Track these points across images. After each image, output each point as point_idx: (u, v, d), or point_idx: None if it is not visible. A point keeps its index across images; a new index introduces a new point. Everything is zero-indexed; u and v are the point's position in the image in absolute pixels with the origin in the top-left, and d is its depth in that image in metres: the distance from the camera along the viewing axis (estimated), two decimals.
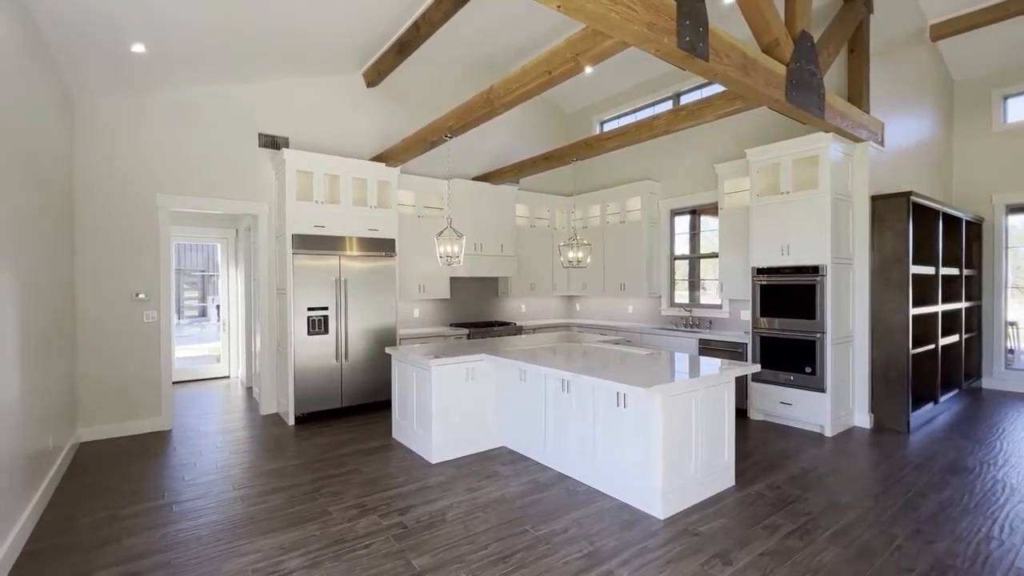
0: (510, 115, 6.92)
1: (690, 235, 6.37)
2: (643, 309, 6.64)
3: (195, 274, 13.06)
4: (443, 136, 4.23)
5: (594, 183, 7.31)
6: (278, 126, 5.20)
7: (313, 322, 4.86)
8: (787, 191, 4.52)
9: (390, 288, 5.34)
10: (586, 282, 7.03)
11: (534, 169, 5.65)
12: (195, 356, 8.18)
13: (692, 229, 6.38)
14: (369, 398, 5.20)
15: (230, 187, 4.96)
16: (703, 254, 6.15)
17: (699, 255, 6.19)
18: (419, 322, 6.22)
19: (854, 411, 4.58)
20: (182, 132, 4.71)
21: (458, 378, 3.83)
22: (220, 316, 7.36)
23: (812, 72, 3.68)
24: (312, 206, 4.90)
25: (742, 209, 5.22)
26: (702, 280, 6.23)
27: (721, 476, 3.18)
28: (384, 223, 5.35)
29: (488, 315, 6.86)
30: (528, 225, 6.96)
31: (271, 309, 5.22)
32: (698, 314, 5.96)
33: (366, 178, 5.24)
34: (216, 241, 7.23)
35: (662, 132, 4.25)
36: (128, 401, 4.48)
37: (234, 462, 3.78)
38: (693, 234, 6.37)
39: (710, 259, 6.09)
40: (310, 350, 4.85)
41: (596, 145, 4.83)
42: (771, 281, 4.64)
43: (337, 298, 5.00)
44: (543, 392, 3.64)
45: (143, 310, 4.55)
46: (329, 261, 4.96)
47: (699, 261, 6.28)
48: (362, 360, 5.16)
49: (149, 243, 4.58)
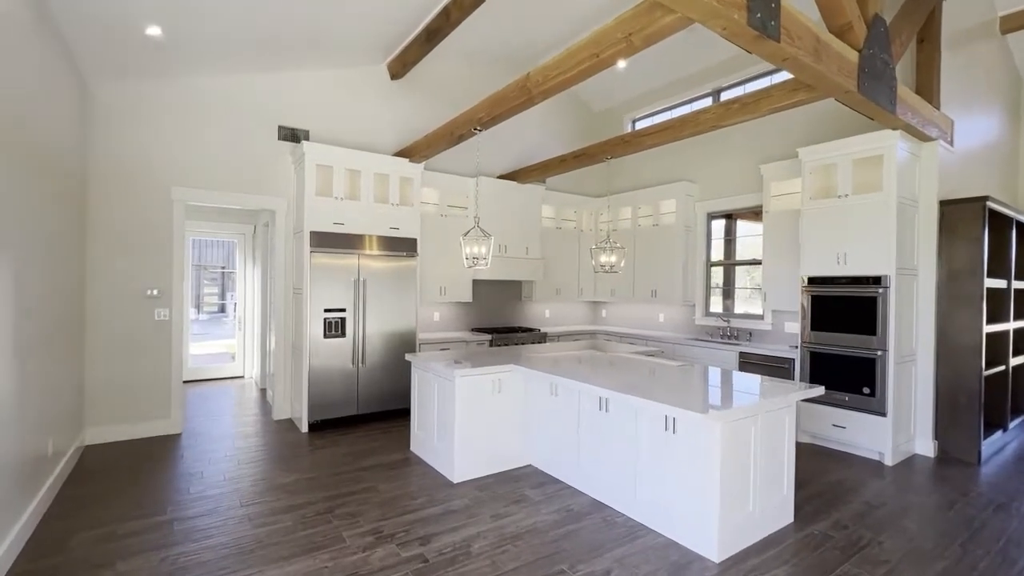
0: (535, 112, 6.62)
1: (725, 241, 6.00)
2: (675, 318, 6.27)
3: (215, 270, 13.04)
4: (472, 129, 3.94)
5: (625, 184, 6.96)
6: (298, 119, 4.98)
7: (329, 324, 4.61)
8: (845, 194, 4.14)
9: (410, 290, 5.08)
10: (615, 287, 6.69)
11: (564, 168, 5.34)
12: (212, 353, 8.04)
13: (728, 234, 6.00)
14: (386, 405, 4.93)
15: (248, 181, 4.74)
16: (739, 261, 5.76)
17: (735, 262, 5.80)
18: (440, 326, 5.94)
19: (915, 437, 4.16)
20: (199, 123, 4.51)
21: (484, 390, 3.53)
22: (236, 314, 7.18)
23: (885, 61, 3.30)
24: (331, 202, 4.66)
25: (790, 213, 4.83)
26: (737, 288, 5.84)
27: (779, 512, 2.82)
28: (406, 221, 5.09)
29: (511, 320, 6.56)
30: (554, 227, 6.64)
31: (286, 309, 5.00)
32: (736, 325, 5.58)
33: (388, 174, 4.99)
34: (234, 237, 7.07)
35: (709, 128, 3.90)
36: (137, 402, 4.29)
37: (243, 473, 3.54)
38: (728, 240, 5.99)
39: (749, 266, 5.70)
40: (326, 353, 4.60)
41: (634, 142, 4.50)
42: (824, 292, 4.25)
43: (355, 299, 4.75)
44: (577, 409, 3.32)
45: (155, 308, 4.35)
46: (348, 260, 4.71)
47: (734, 269, 5.90)
48: (380, 365, 4.90)
49: (163, 238, 4.39)
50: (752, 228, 5.76)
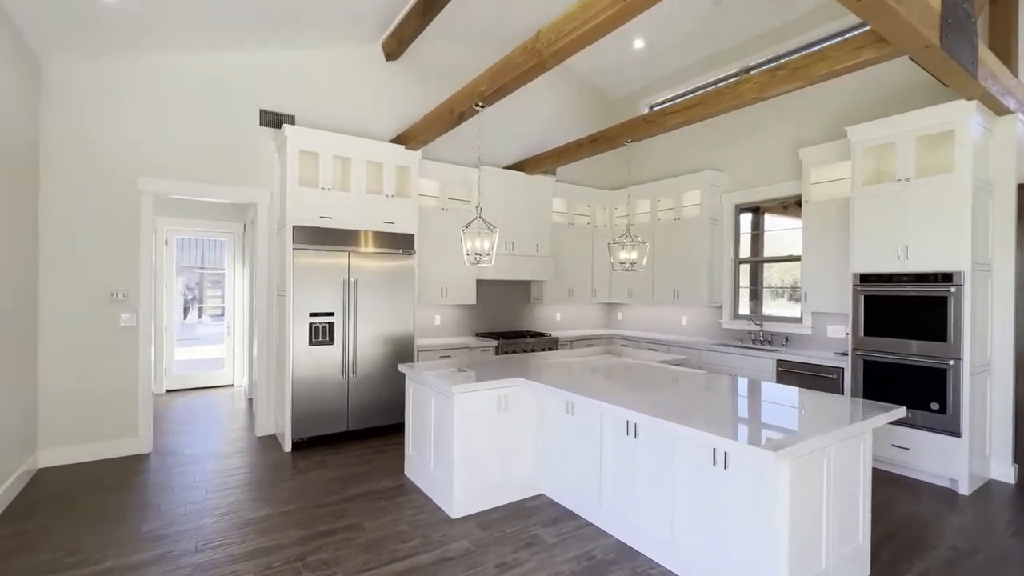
0: (544, 99, 6.11)
1: (752, 236, 5.43)
2: (700, 321, 5.71)
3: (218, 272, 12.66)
4: (473, 106, 3.43)
5: (643, 174, 6.42)
6: (283, 102, 4.50)
7: (316, 330, 4.12)
8: (905, 177, 3.57)
9: (408, 291, 4.57)
10: (632, 288, 6.14)
11: (579, 154, 4.81)
12: (207, 359, 7.58)
13: (755, 228, 5.44)
14: (381, 420, 4.43)
15: (226, 171, 4.27)
16: (773, 257, 5.18)
17: (768, 258, 5.23)
18: (440, 331, 5.43)
19: (991, 460, 3.58)
20: (170, 106, 4.04)
21: (487, 408, 3.01)
22: (225, 319, 6.73)
23: (967, 13, 2.74)
24: (317, 193, 4.17)
25: (836, 202, 4.27)
26: (771, 288, 5.27)
27: (854, 564, 2.27)
28: (402, 215, 4.58)
29: (519, 324, 6.04)
30: (566, 222, 6.11)
31: (269, 313, 4.51)
32: (770, 328, 5.01)
33: (382, 162, 4.49)
34: (222, 236, 6.61)
35: (751, 100, 3.35)
36: (99, 419, 3.81)
37: (209, 505, 3.04)
38: (756, 234, 5.43)
39: (784, 263, 5.13)
40: (312, 363, 4.11)
41: (658, 121, 3.96)
42: (881, 291, 3.69)
43: (345, 302, 4.25)
44: (598, 432, 2.78)
45: (120, 312, 3.88)
46: (336, 258, 4.21)
47: (761, 267, 5.33)
48: (373, 376, 4.39)
49: (129, 234, 3.92)
50: (783, 221, 5.19)
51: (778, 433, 1.99)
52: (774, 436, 1.94)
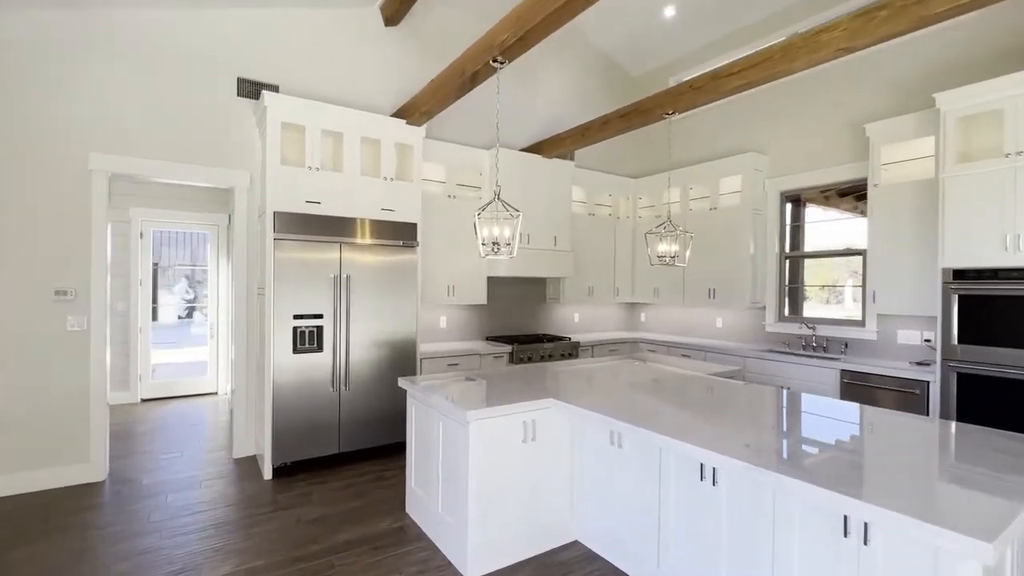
0: (560, 77, 5.47)
1: (791, 227, 4.79)
2: (738, 324, 5.07)
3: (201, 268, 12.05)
4: (490, 62, 2.80)
5: (672, 159, 5.78)
6: (265, 70, 3.86)
7: (301, 335, 3.49)
8: (1016, 151, 2.93)
9: (410, 289, 3.94)
10: (659, 287, 5.51)
11: (605, 133, 4.17)
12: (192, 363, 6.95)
13: (795, 220, 4.81)
14: (378, 439, 3.80)
15: (197, 148, 3.64)
16: (826, 252, 4.53)
17: (814, 253, 4.58)
18: (446, 334, 4.80)
19: None
20: (130, 71, 3.42)
21: (510, 438, 2.38)
22: (208, 320, 6.11)
23: None
24: (304, 174, 3.54)
25: (911, 185, 3.63)
26: (827, 286, 4.63)
27: None
28: (403, 202, 3.95)
29: (533, 326, 5.41)
30: (585, 213, 5.48)
31: (249, 315, 3.89)
32: (824, 333, 4.37)
33: (380, 139, 3.85)
34: (204, 228, 5.99)
35: (835, 53, 2.70)
36: (39, 442, 3.19)
37: (160, 559, 2.41)
38: (796, 226, 4.79)
39: (822, 259, 4.49)
40: (296, 374, 3.48)
41: (707, 88, 3.32)
42: (983, 290, 3.05)
43: (336, 302, 3.62)
44: (656, 471, 2.15)
45: (67, 315, 3.26)
46: (326, 251, 3.58)
47: (802, 263, 4.71)
48: (369, 388, 3.76)
49: (78, 220, 3.29)
50: (822, 212, 4.55)
51: (993, 520, 1.36)
52: (965, 507, 1.31)
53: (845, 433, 1.93)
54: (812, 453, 1.69)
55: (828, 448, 1.74)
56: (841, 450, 1.72)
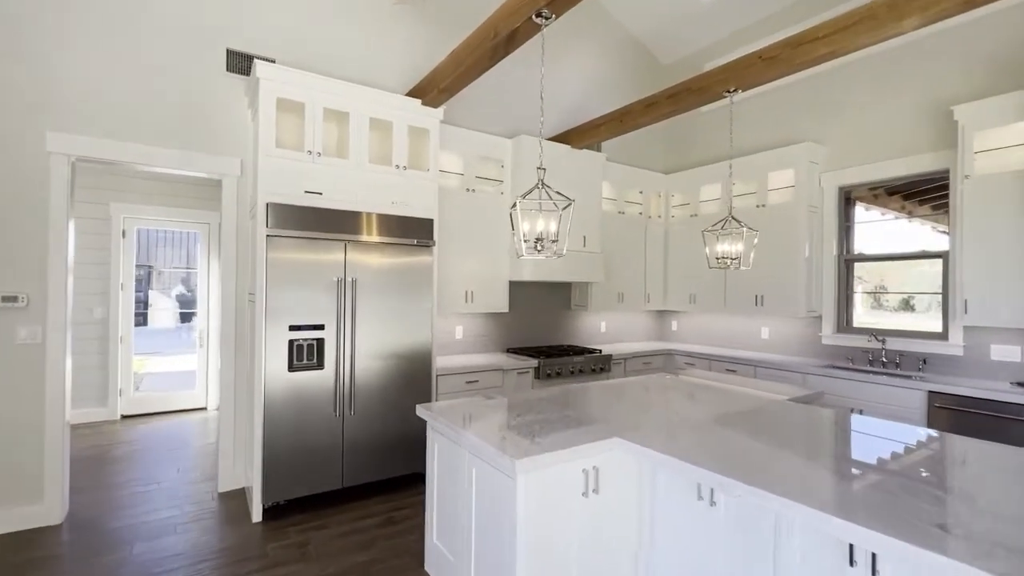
0: (586, 62, 4.97)
1: (839, 228, 4.26)
2: (787, 334, 4.53)
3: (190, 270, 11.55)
4: (532, 17, 2.27)
5: (708, 153, 5.26)
6: (258, 42, 3.35)
7: (299, 349, 2.95)
8: None
9: (425, 295, 3.41)
10: (696, 293, 4.97)
11: (650, 117, 3.64)
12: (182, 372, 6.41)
13: (844, 220, 4.28)
14: (387, 472, 3.25)
15: (180, 130, 3.12)
16: (898, 255, 3.99)
17: (896, 255, 4.04)
18: (463, 346, 4.27)
19: None
20: (97, 37, 2.90)
21: (568, 489, 1.83)
22: (197, 327, 5.57)
23: None
24: (302, 161, 3.01)
25: (1013, 177, 3.10)
26: (892, 292, 4.09)
27: None
28: (418, 194, 3.43)
29: (558, 336, 4.87)
30: (615, 211, 4.95)
31: (238, 325, 3.35)
32: (896, 346, 3.83)
33: (391, 121, 3.33)
34: (194, 227, 5.46)
35: (960, 6, 2.17)
36: None
37: None
38: (847, 227, 4.26)
39: (869, 263, 3.96)
40: (292, 395, 2.94)
41: (784, 59, 2.79)
42: None
43: (340, 310, 3.09)
44: (770, 541, 1.61)
45: (16, 324, 2.72)
46: (328, 250, 3.05)
47: (852, 267, 4.18)
48: (377, 411, 3.22)
49: (32, 212, 2.76)
50: (872, 209, 4.02)
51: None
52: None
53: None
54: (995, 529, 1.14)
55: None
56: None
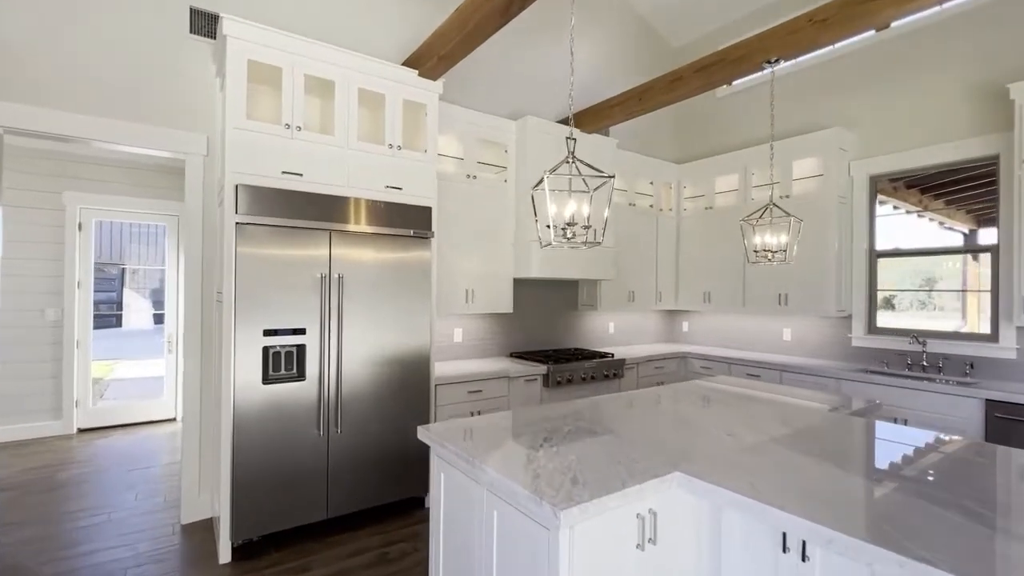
0: (593, 43, 4.59)
1: (869, 221, 3.94)
2: (813, 335, 4.20)
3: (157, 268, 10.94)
4: None
5: (723, 141, 4.91)
6: (227, 0, 2.89)
7: (275, 357, 2.51)
8: None
9: (422, 293, 2.98)
10: (711, 291, 4.62)
11: (674, 94, 3.27)
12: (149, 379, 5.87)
13: (873, 212, 3.97)
14: (379, 498, 2.82)
15: (135, 100, 2.65)
16: (937, 249, 3.67)
17: (931, 250, 3.72)
18: (462, 350, 3.85)
19: None
20: None
21: (619, 541, 1.43)
22: (165, 330, 5.06)
23: None
24: (278, 136, 2.57)
25: None
26: (936, 291, 3.78)
27: None
28: (414, 178, 3.00)
29: (565, 339, 4.48)
30: (625, 203, 4.57)
31: (205, 328, 2.89)
32: (937, 349, 3.51)
33: (384, 93, 2.90)
34: (159, 219, 4.95)
35: None
36: None
37: None
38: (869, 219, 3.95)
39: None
40: (268, 411, 2.50)
41: (840, 20, 2.42)
42: None
43: (324, 312, 2.65)
44: None
45: None
46: (310, 242, 2.61)
47: (876, 264, 3.88)
48: (368, 429, 2.79)
49: None
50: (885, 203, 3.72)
51: None
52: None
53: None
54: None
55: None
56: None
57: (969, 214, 3.53)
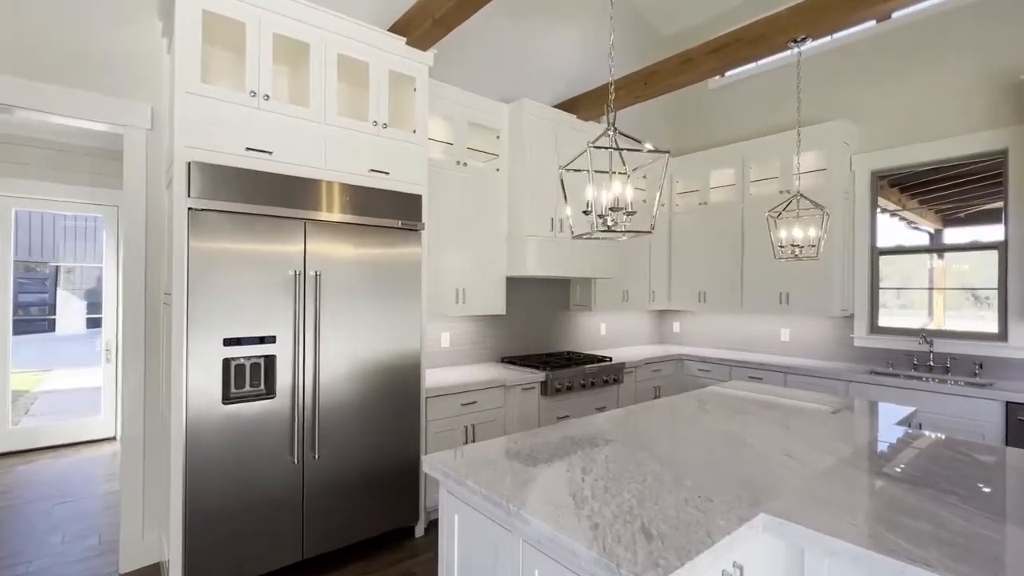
0: (581, 30, 4.31)
1: (871, 217, 3.86)
2: (813, 336, 4.07)
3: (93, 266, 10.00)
4: None
5: (719, 133, 4.74)
6: None
7: (238, 371, 2.09)
8: None
9: (412, 294, 2.61)
10: (706, 290, 4.43)
11: (687, 77, 3.02)
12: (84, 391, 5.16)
13: (875, 208, 3.89)
14: (363, 532, 2.43)
15: (61, 59, 2.16)
16: (948, 246, 3.59)
17: (939, 247, 3.64)
18: (451, 356, 3.49)
19: None
20: None
21: None
22: (103, 335, 4.45)
23: None
24: (241, 105, 2.14)
25: None
26: (949, 289, 3.70)
27: None
28: (402, 162, 2.62)
29: (557, 342, 4.18)
30: None
31: (150, 335, 2.42)
32: (944, 348, 3.42)
33: (367, 61, 2.51)
34: (93, 210, 4.34)
35: None
36: None
37: None
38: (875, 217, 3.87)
39: (888, 257, 3.57)
40: (230, 436, 2.07)
41: None
42: None
43: (297, 317, 2.24)
44: None
45: None
46: (280, 233, 2.20)
47: (878, 263, 3.80)
48: (350, 452, 2.39)
49: None
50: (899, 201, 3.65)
51: None
52: None
53: None
54: None
55: None
56: None
57: (953, 212, 3.45)
